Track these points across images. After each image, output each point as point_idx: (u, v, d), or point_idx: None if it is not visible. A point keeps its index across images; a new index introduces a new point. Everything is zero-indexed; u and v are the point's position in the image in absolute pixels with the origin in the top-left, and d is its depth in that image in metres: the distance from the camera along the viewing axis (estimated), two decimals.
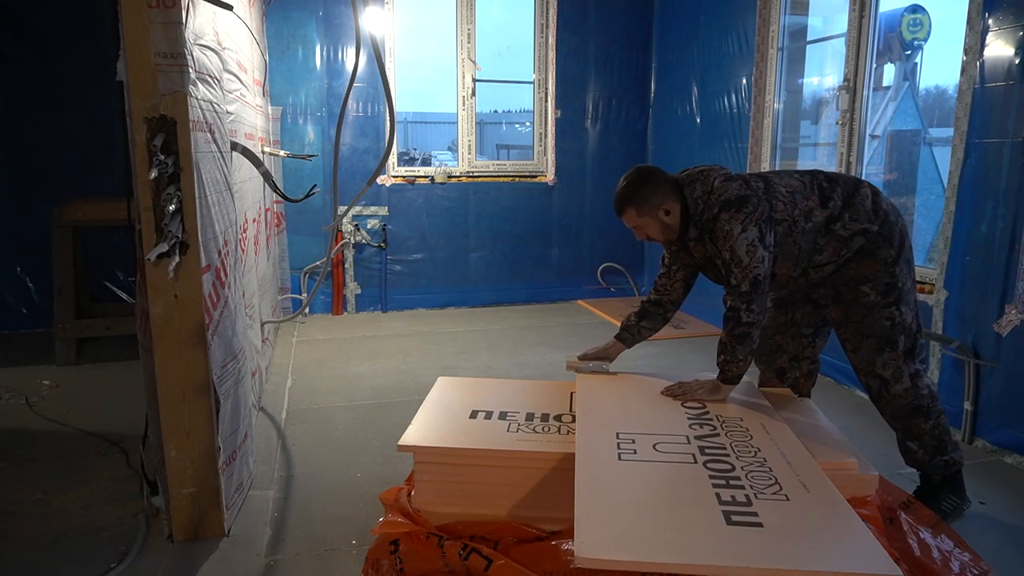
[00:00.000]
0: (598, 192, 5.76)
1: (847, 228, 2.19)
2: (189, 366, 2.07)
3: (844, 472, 1.88)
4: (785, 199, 2.18)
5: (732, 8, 4.59)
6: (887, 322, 2.21)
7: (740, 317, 2.12)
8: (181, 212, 1.98)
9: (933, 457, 2.30)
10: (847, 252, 2.21)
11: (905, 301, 2.22)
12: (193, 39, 2.03)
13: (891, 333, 2.21)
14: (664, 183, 2.24)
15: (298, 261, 5.11)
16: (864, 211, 2.20)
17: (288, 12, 4.85)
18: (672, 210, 2.23)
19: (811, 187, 2.22)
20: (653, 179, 2.25)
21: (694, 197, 2.21)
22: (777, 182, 2.22)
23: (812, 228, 2.19)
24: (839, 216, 2.19)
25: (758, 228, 2.11)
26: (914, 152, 7.85)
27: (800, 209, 2.18)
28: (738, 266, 2.11)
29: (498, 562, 1.78)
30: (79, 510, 2.39)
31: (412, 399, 3.37)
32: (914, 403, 2.25)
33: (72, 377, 3.78)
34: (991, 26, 2.83)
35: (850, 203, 2.20)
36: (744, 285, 2.11)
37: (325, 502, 2.47)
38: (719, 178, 2.20)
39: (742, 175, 2.24)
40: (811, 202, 2.20)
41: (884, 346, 2.22)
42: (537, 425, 2.11)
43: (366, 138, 5.21)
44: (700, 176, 2.24)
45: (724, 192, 2.15)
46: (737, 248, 2.10)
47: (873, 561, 1.39)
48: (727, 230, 2.11)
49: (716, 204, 2.15)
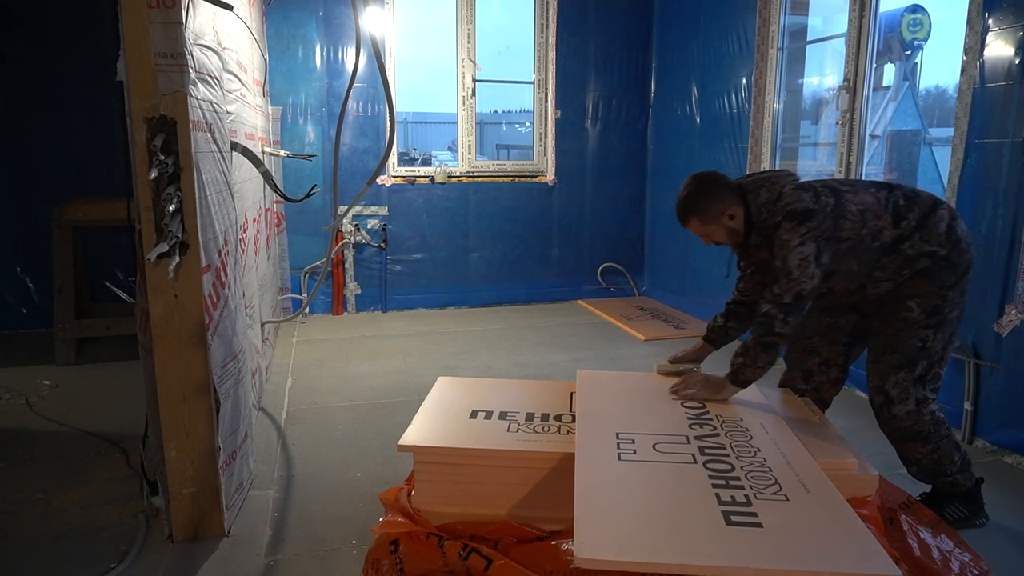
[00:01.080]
0: (598, 192, 5.76)
1: (915, 248, 2.15)
2: (189, 366, 2.07)
3: (844, 472, 1.88)
4: (854, 217, 2.14)
5: (732, 8, 4.59)
6: (918, 343, 2.17)
7: (774, 326, 2.10)
8: (181, 212, 1.98)
9: (934, 478, 2.29)
10: (908, 271, 2.17)
11: (943, 329, 2.18)
12: (193, 39, 2.03)
13: (916, 355, 2.18)
14: (725, 189, 2.22)
15: (298, 261, 5.11)
16: (937, 234, 2.14)
17: (288, 12, 4.85)
18: (736, 214, 2.21)
19: (886, 205, 2.17)
20: (713, 186, 2.23)
21: (758, 204, 2.19)
22: (850, 199, 2.16)
23: (878, 247, 2.16)
24: (909, 236, 2.15)
25: (816, 245, 2.09)
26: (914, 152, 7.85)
27: (869, 228, 2.15)
28: (786, 276, 2.09)
29: (498, 562, 1.78)
30: (79, 510, 2.39)
31: (412, 399, 3.37)
32: (913, 428, 2.22)
33: (72, 377, 3.78)
34: (991, 26, 2.83)
35: (924, 224, 2.15)
36: (787, 296, 2.09)
37: (325, 502, 2.47)
38: (789, 186, 2.17)
39: (814, 186, 2.19)
40: (882, 221, 2.15)
41: (903, 365, 2.19)
42: (537, 425, 2.11)
43: (366, 138, 5.21)
44: (766, 182, 2.21)
45: (792, 202, 2.12)
46: (790, 259, 2.09)
47: (873, 561, 1.39)
48: (785, 240, 2.10)
49: (780, 212, 2.12)
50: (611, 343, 4.55)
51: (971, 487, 2.31)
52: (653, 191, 5.80)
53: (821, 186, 2.20)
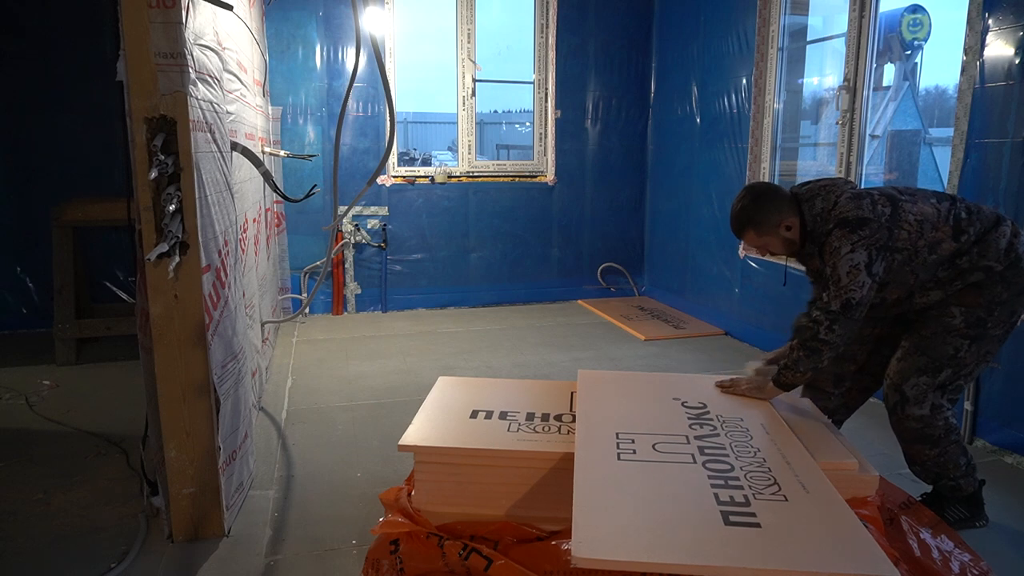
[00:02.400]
0: (598, 192, 5.76)
1: (971, 262, 2.11)
2: (189, 366, 2.07)
3: (844, 472, 1.88)
4: (911, 228, 2.11)
5: (732, 8, 4.59)
6: (951, 350, 2.15)
7: (818, 332, 2.09)
8: (181, 212, 1.98)
9: (936, 480, 2.29)
10: (960, 284, 2.14)
11: (981, 343, 2.14)
12: (193, 39, 2.03)
13: (944, 361, 2.15)
14: (781, 199, 2.22)
15: (298, 261, 5.11)
16: (996, 249, 2.11)
17: (288, 12, 4.85)
18: (793, 225, 2.21)
19: (946, 217, 2.13)
20: (768, 198, 2.22)
21: (813, 213, 2.18)
22: (908, 208, 2.13)
23: (935, 260, 2.13)
24: (968, 251, 2.11)
25: (868, 254, 2.06)
26: (914, 152, 7.85)
27: (926, 239, 2.11)
28: (835, 284, 2.08)
29: (498, 562, 1.78)
30: (79, 510, 2.39)
31: (412, 399, 3.37)
32: (924, 431, 2.20)
33: (72, 377, 3.78)
34: (991, 26, 2.83)
35: (984, 239, 2.11)
36: (835, 304, 2.07)
37: (325, 502, 2.47)
38: (846, 195, 2.15)
39: (872, 193, 2.17)
40: (941, 233, 2.12)
41: (927, 369, 2.17)
42: (537, 425, 2.11)
43: (366, 138, 5.21)
44: (822, 191, 2.20)
45: (847, 211, 2.10)
46: (840, 266, 2.07)
47: (872, 562, 1.39)
48: (836, 247, 2.08)
49: (833, 220, 2.11)
50: (611, 343, 4.55)
51: (973, 491, 2.31)
52: (653, 191, 5.80)
53: (879, 194, 2.17)
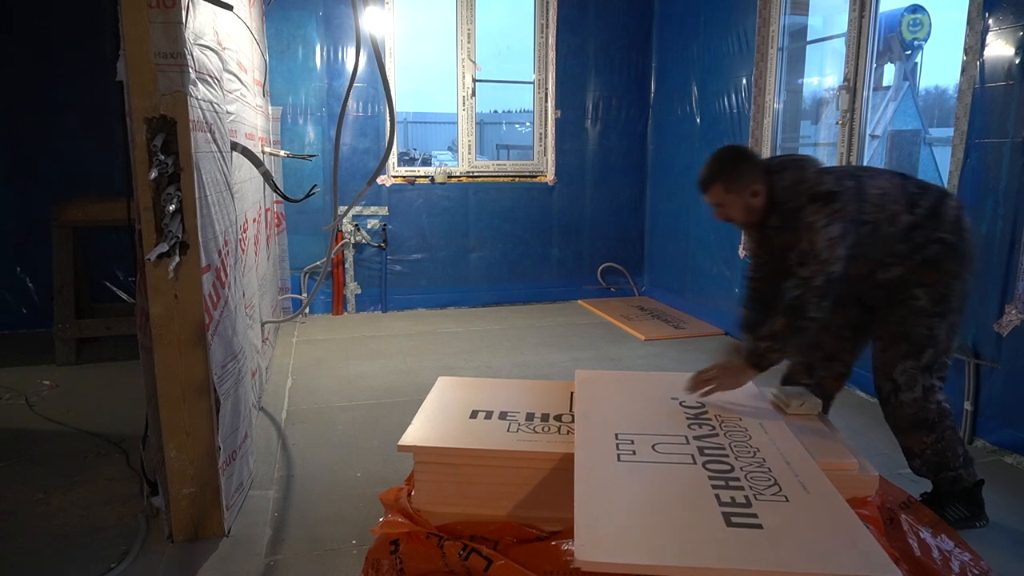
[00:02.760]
0: (598, 192, 5.76)
1: (926, 235, 2.17)
2: (189, 366, 2.07)
3: (844, 472, 1.88)
4: (875, 200, 2.16)
5: (732, 8, 4.59)
6: (925, 331, 2.19)
7: (806, 310, 2.09)
8: (181, 212, 1.98)
9: (937, 473, 2.29)
10: (918, 258, 2.19)
11: (948, 318, 2.20)
12: (193, 39, 2.03)
13: (924, 343, 2.19)
14: (756, 165, 2.23)
15: (298, 261, 5.11)
16: (947, 221, 2.18)
17: (288, 12, 4.85)
18: (759, 193, 2.20)
19: (901, 191, 2.20)
20: (746, 158, 2.23)
21: (783, 185, 2.19)
22: (869, 183, 2.18)
23: (894, 233, 2.18)
24: (922, 224, 2.18)
25: (842, 226, 2.08)
26: (914, 152, 7.85)
27: (887, 213, 2.16)
28: (815, 259, 2.08)
29: (498, 562, 1.78)
30: (79, 510, 2.39)
31: (412, 399, 3.37)
32: (919, 415, 2.22)
33: (72, 377, 3.78)
34: (991, 26, 2.83)
35: (935, 212, 2.18)
36: (818, 279, 2.08)
37: (325, 502, 2.47)
38: (814, 169, 2.19)
39: (835, 171, 2.22)
40: (899, 206, 2.18)
41: (910, 354, 2.21)
42: (537, 425, 2.11)
43: (366, 138, 5.21)
44: (792, 164, 2.22)
45: (817, 184, 2.13)
46: (817, 240, 2.07)
47: (873, 562, 1.39)
48: (811, 221, 2.09)
49: (805, 195, 2.13)
50: (611, 343, 4.55)
51: (972, 486, 2.30)
52: (653, 191, 5.79)
53: (842, 172, 2.22)
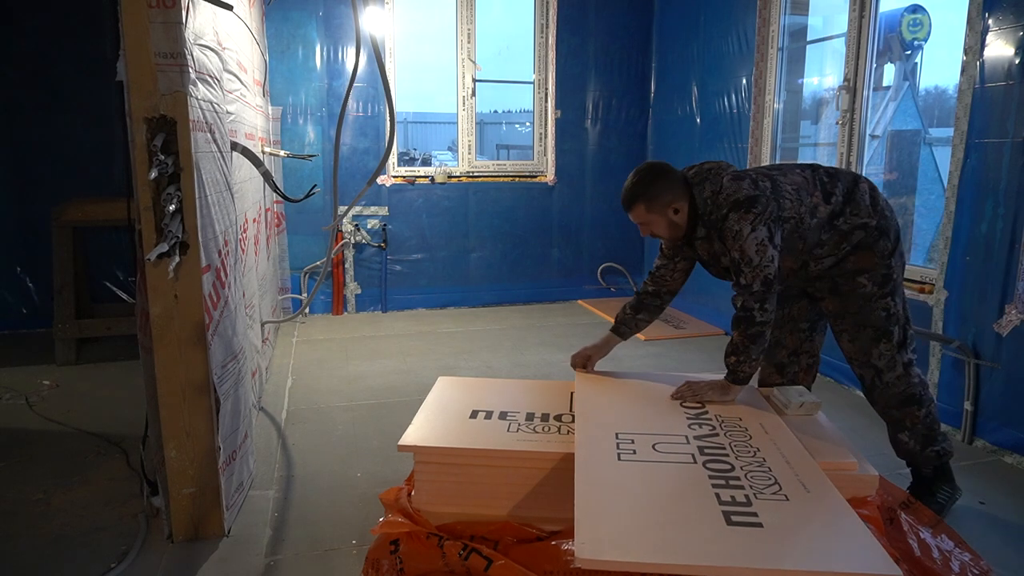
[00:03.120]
0: (598, 192, 5.76)
1: (848, 222, 2.23)
2: (189, 366, 2.07)
3: (844, 472, 1.88)
4: (792, 196, 2.20)
5: (732, 8, 4.59)
6: (883, 312, 2.25)
7: (754, 317, 2.12)
8: (181, 212, 1.98)
9: (925, 447, 2.33)
10: (847, 246, 2.24)
11: (898, 292, 2.28)
12: (193, 39, 2.03)
13: (886, 324, 2.26)
14: (675, 181, 2.23)
15: (298, 261, 5.11)
16: (864, 206, 2.24)
17: (288, 12, 4.85)
18: (681, 209, 2.23)
19: (814, 183, 2.25)
20: (665, 176, 2.24)
21: (703, 197, 2.21)
22: (783, 180, 2.22)
23: (817, 224, 2.22)
24: (841, 211, 2.23)
25: (767, 228, 2.12)
26: (914, 152, 7.85)
27: (806, 206, 2.21)
28: (748, 265, 2.11)
29: (498, 562, 1.78)
30: (79, 510, 2.39)
31: (412, 399, 3.37)
32: (907, 391, 2.28)
33: (72, 377, 3.78)
34: (991, 26, 2.83)
35: (851, 198, 2.24)
36: (756, 284, 2.11)
37: (325, 502, 2.47)
38: (728, 177, 2.20)
39: (749, 173, 2.24)
40: (815, 198, 2.23)
41: (880, 337, 2.26)
42: (537, 425, 2.11)
43: (366, 138, 5.21)
44: (709, 175, 2.23)
45: (734, 192, 2.15)
46: (747, 248, 2.10)
47: (873, 561, 1.39)
48: (736, 230, 2.12)
49: (725, 204, 2.15)
50: None
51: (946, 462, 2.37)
52: None
53: (756, 173, 2.25)
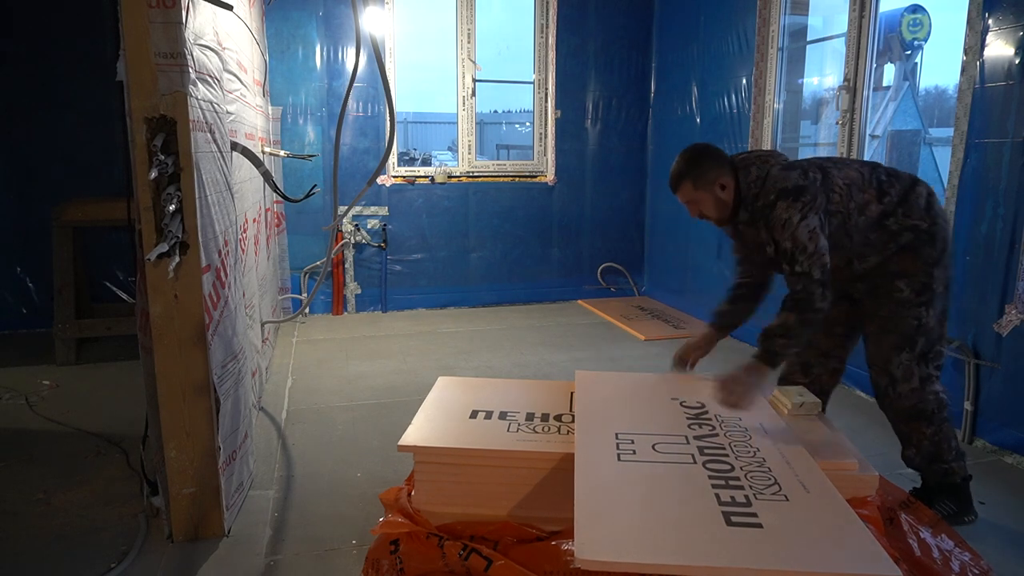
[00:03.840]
0: (598, 192, 5.76)
1: (899, 223, 2.20)
2: (189, 366, 2.07)
3: (844, 472, 1.88)
4: (842, 191, 2.18)
5: (732, 8, 4.59)
6: (914, 321, 2.20)
7: (814, 300, 2.08)
8: (181, 212, 1.98)
9: (930, 463, 2.30)
10: (894, 246, 2.21)
11: (935, 305, 2.21)
12: (193, 39, 2.03)
13: (914, 333, 2.21)
14: (721, 160, 2.24)
15: (298, 261, 5.11)
16: (918, 209, 2.20)
17: (288, 12, 4.85)
18: (727, 186, 2.22)
19: (870, 180, 2.22)
20: (710, 154, 2.25)
21: (748, 180, 2.20)
22: (835, 173, 2.20)
23: (865, 222, 2.20)
24: (893, 211, 2.20)
25: (817, 217, 2.11)
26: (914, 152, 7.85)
27: (856, 202, 2.18)
28: (803, 253, 2.09)
29: (498, 562, 1.78)
30: (79, 510, 2.39)
31: (412, 399, 3.37)
32: (917, 406, 2.24)
33: (72, 377, 3.78)
34: (991, 26, 2.83)
35: (906, 199, 2.21)
36: (816, 271, 2.08)
37: (325, 502, 2.47)
38: (778, 166, 2.19)
39: (801, 164, 2.23)
40: (867, 195, 2.20)
41: (904, 345, 2.22)
42: (537, 425, 2.11)
43: (366, 138, 5.21)
44: (757, 160, 2.23)
45: (782, 181, 2.14)
46: (799, 236, 2.09)
47: (873, 562, 1.39)
48: (785, 219, 2.10)
49: (772, 192, 2.14)
50: (611, 343, 4.55)
51: (961, 481, 2.32)
52: (653, 191, 5.79)
53: (808, 163, 2.24)
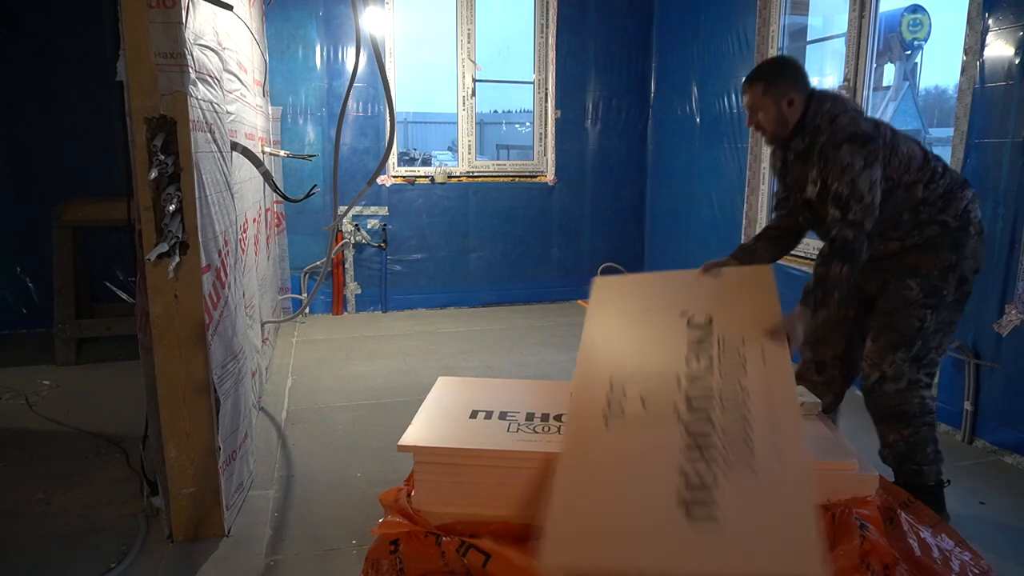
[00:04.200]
0: (598, 192, 5.76)
1: (931, 215, 2.18)
2: (189, 366, 2.07)
3: (844, 472, 1.88)
4: (902, 159, 2.15)
5: (732, 8, 4.58)
6: (916, 322, 2.19)
7: (860, 253, 2.05)
8: (181, 212, 1.98)
9: (900, 464, 2.28)
10: (917, 237, 2.20)
11: (940, 311, 2.19)
12: (193, 39, 2.03)
13: (914, 334, 2.19)
14: (801, 79, 2.22)
15: (298, 261, 5.11)
16: (955, 207, 2.18)
17: (288, 12, 4.85)
18: (795, 103, 2.20)
19: (925, 164, 2.19)
20: (792, 68, 2.24)
21: (822, 109, 2.17)
22: (903, 141, 2.19)
23: (905, 201, 2.17)
24: (933, 202, 2.18)
25: (879, 169, 2.09)
26: None
27: (910, 176, 2.17)
28: (858, 202, 2.04)
29: (496, 556, 1.78)
30: (79, 510, 2.39)
31: (412, 399, 3.37)
32: (900, 407, 2.23)
33: (72, 377, 3.78)
34: (991, 26, 2.83)
35: (950, 194, 2.19)
36: (868, 223, 2.05)
37: (325, 502, 2.47)
38: (854, 111, 2.18)
39: (875, 119, 2.21)
40: (919, 175, 2.18)
41: (901, 344, 2.21)
42: (537, 425, 2.11)
43: (366, 138, 5.21)
44: (834, 98, 2.21)
45: (853, 125, 2.10)
46: (859, 183, 2.04)
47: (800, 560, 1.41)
48: (848, 162, 2.05)
49: (841, 132, 2.09)
50: None
51: (933, 485, 2.28)
52: (653, 191, 5.80)
53: (878, 121, 2.21)
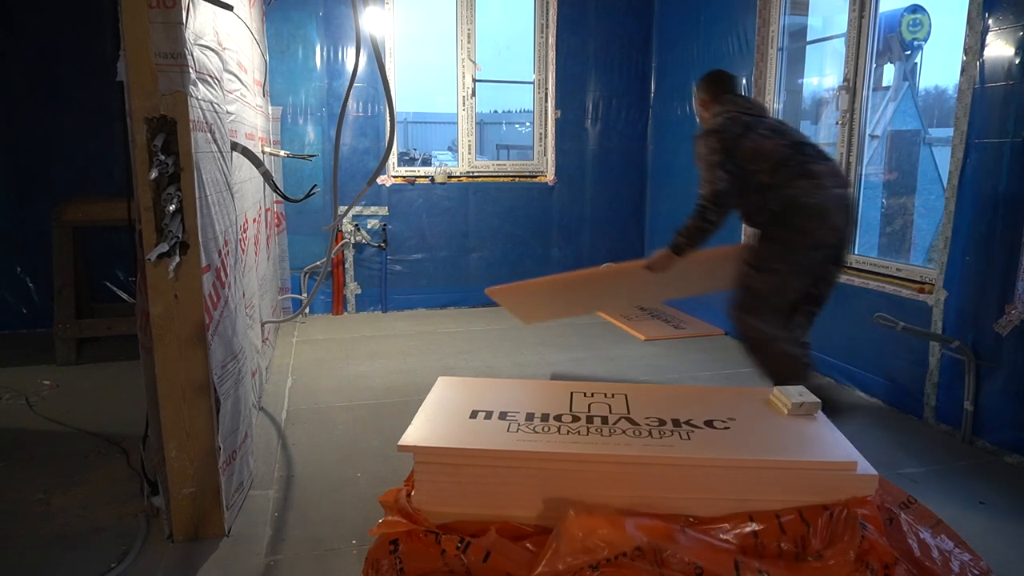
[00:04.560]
0: (598, 192, 5.76)
1: (770, 201, 2.75)
2: (189, 366, 2.07)
3: (844, 472, 1.88)
4: (744, 152, 2.74)
5: (732, 8, 4.59)
6: (744, 277, 2.85)
7: (707, 215, 2.77)
8: (181, 212, 1.98)
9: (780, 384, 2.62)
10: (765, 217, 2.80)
11: (764, 275, 2.78)
12: (193, 39, 2.03)
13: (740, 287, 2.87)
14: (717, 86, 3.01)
15: (298, 261, 5.11)
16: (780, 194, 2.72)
17: (288, 12, 4.85)
18: (704, 104, 3.01)
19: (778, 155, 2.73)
20: (718, 79, 3.04)
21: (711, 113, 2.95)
22: (754, 138, 2.76)
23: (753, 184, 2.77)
24: (773, 189, 2.74)
25: (718, 157, 2.74)
26: (914, 152, 7.84)
27: (754, 166, 2.74)
28: (703, 180, 2.79)
29: (496, 551, 1.78)
30: (79, 510, 2.39)
31: (412, 399, 3.37)
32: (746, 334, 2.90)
33: (72, 377, 3.78)
34: (991, 26, 2.83)
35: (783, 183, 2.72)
36: (709, 194, 2.76)
37: (325, 502, 2.47)
38: (725, 115, 2.85)
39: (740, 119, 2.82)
40: (761, 166, 2.74)
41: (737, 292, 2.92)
42: (537, 425, 2.11)
43: (366, 138, 5.21)
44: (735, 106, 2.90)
45: (711, 121, 2.86)
46: (702, 165, 2.80)
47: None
48: (699, 151, 2.81)
49: (700, 128, 2.88)
50: (611, 343, 4.55)
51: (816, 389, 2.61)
52: (653, 191, 5.80)
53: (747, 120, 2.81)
